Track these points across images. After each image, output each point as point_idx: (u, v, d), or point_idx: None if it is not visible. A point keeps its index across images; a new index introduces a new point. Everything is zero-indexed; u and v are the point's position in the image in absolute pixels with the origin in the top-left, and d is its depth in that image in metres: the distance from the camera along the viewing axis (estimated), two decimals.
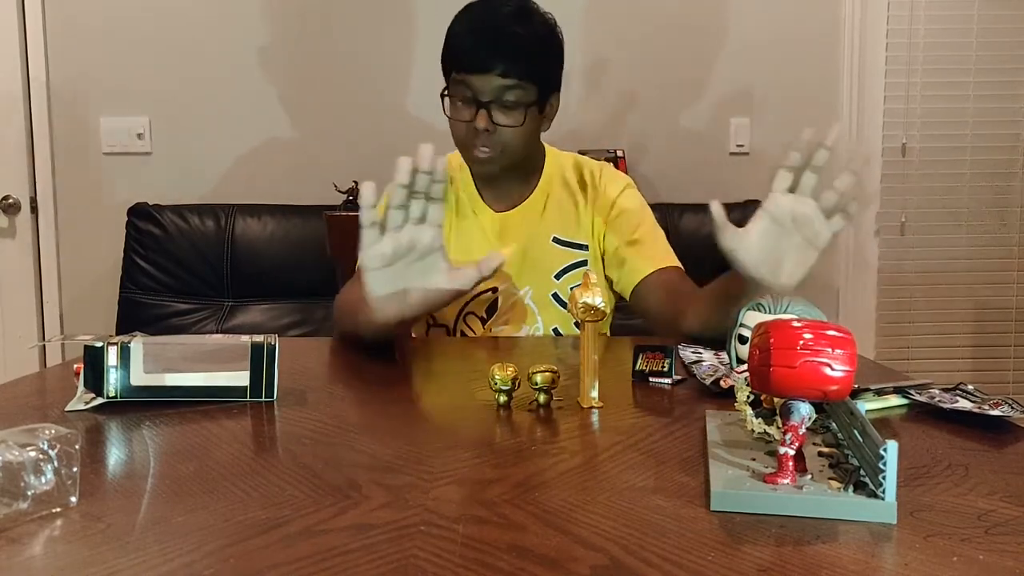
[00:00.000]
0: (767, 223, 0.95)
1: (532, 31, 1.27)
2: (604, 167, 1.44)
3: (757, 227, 0.95)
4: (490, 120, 1.25)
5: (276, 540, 0.51)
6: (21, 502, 0.54)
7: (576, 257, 1.38)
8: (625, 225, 1.37)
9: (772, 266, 0.96)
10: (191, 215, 2.58)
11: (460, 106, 1.28)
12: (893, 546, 0.50)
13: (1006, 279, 2.90)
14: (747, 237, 0.96)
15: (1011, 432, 0.74)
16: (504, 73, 1.23)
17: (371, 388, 0.92)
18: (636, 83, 2.77)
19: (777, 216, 0.94)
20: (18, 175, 2.70)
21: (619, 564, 0.48)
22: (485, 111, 1.24)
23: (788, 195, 0.94)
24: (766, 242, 0.95)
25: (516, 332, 1.36)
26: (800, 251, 0.95)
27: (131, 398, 0.82)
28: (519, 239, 1.37)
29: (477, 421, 0.78)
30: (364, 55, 2.74)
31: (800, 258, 0.95)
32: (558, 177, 1.41)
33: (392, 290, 0.98)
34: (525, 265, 1.36)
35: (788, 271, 0.96)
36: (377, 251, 0.95)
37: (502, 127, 1.26)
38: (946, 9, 2.78)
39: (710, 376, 0.89)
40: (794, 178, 0.94)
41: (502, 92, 1.24)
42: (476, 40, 1.25)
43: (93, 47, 2.69)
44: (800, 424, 0.56)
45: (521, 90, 1.25)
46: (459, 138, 1.31)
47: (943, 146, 2.83)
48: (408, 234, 0.96)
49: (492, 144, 1.27)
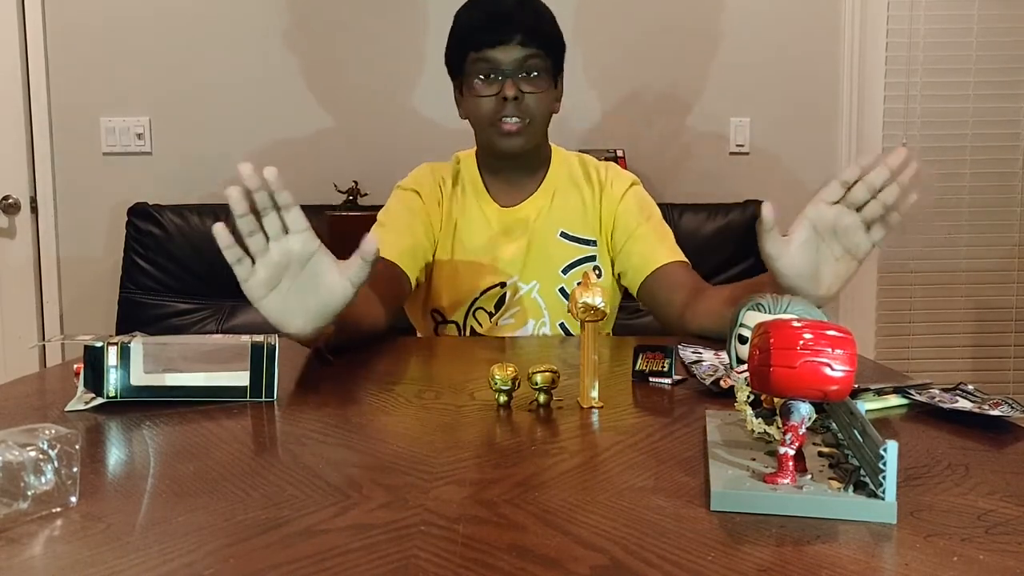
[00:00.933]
0: (809, 232, 0.94)
1: (538, 10, 1.33)
2: (610, 165, 1.45)
3: (799, 236, 0.94)
4: (517, 89, 1.28)
5: (276, 540, 0.51)
6: (21, 502, 0.54)
7: (584, 252, 1.38)
8: (633, 221, 1.38)
9: (812, 276, 0.95)
10: (191, 215, 2.58)
11: (480, 84, 1.30)
12: (893, 546, 0.50)
13: (1006, 279, 2.90)
14: (789, 245, 0.95)
15: (1011, 432, 0.74)
16: (524, 42, 1.27)
17: (371, 388, 0.92)
18: (636, 83, 2.77)
19: (819, 224, 0.94)
20: (18, 175, 2.70)
21: (619, 564, 0.48)
22: (511, 80, 1.28)
23: (833, 206, 0.94)
24: (808, 252, 0.94)
25: (523, 326, 1.36)
26: (840, 262, 0.95)
27: (131, 398, 0.82)
28: (525, 234, 1.38)
29: (477, 421, 0.78)
30: (364, 55, 2.74)
31: (839, 269, 0.95)
32: (564, 173, 1.42)
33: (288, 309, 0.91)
34: (532, 260, 1.37)
35: (827, 282, 0.96)
36: (255, 281, 0.89)
37: (528, 94, 1.29)
38: (946, 9, 2.79)
39: (710, 376, 0.89)
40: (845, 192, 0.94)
41: (524, 61, 1.28)
42: (494, 17, 1.28)
43: (93, 47, 2.69)
44: (800, 424, 0.56)
45: (540, 58, 1.29)
46: (484, 115, 1.31)
47: (943, 146, 2.83)
48: (276, 250, 0.89)
49: (521, 114, 1.29)
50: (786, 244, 0.94)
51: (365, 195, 2.62)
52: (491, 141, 1.34)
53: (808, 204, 0.95)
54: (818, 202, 0.94)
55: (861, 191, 0.92)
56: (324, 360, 1.04)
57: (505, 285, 1.37)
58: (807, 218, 0.94)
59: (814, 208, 0.94)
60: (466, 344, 1.28)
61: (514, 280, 1.37)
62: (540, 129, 1.34)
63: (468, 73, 1.31)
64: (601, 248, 1.39)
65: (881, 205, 0.92)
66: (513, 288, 1.37)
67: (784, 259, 0.95)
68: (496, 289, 1.37)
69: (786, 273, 0.95)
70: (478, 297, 1.36)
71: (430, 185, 1.40)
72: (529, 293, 1.37)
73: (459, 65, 1.33)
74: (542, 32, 1.30)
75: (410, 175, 1.44)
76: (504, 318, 1.37)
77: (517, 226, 1.38)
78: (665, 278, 1.33)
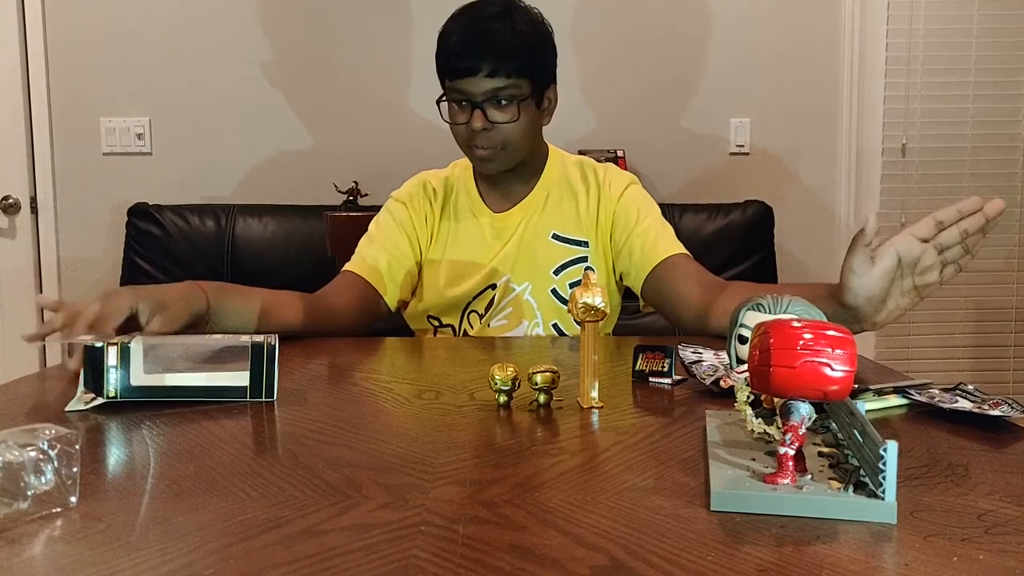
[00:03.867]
0: (893, 262, 0.93)
1: (514, 28, 1.27)
2: (608, 167, 1.45)
3: (884, 264, 0.93)
4: (485, 119, 1.27)
5: (276, 540, 0.51)
6: (21, 502, 0.54)
7: (575, 253, 1.38)
8: (632, 219, 1.37)
9: (879, 303, 0.95)
10: (191, 215, 2.58)
11: (456, 110, 1.31)
12: (893, 546, 0.50)
13: (1006, 279, 2.90)
14: (873, 268, 0.94)
15: (1011, 432, 0.74)
16: (492, 73, 1.26)
17: (371, 388, 0.92)
18: (636, 83, 2.77)
19: (905, 258, 0.93)
20: (18, 175, 2.70)
21: (619, 564, 0.48)
22: (480, 111, 1.27)
23: (922, 243, 0.93)
24: (884, 280, 0.94)
25: (516, 327, 1.37)
26: (906, 297, 0.95)
27: (131, 398, 0.82)
28: (515, 237, 1.39)
29: (477, 421, 0.78)
30: (364, 55, 2.74)
31: (903, 302, 0.95)
32: (560, 176, 1.42)
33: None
34: (523, 261, 1.38)
35: (888, 312, 0.96)
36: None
37: (499, 124, 1.28)
38: (946, 9, 2.79)
39: (710, 376, 0.89)
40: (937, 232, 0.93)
41: (493, 92, 1.27)
42: (461, 45, 1.27)
43: (93, 47, 2.69)
44: (800, 424, 0.56)
45: (511, 88, 1.27)
46: (460, 141, 1.34)
47: (943, 146, 2.83)
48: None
49: (491, 142, 1.30)
50: (871, 265, 0.94)
51: (365, 195, 2.62)
52: (471, 162, 1.39)
53: (899, 235, 0.94)
54: (909, 236, 0.93)
55: (953, 235, 0.92)
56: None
57: (495, 287, 1.37)
58: (896, 248, 0.93)
59: (904, 242, 0.93)
60: (465, 344, 1.28)
61: (504, 280, 1.37)
62: (519, 150, 1.33)
63: (446, 98, 1.33)
64: (596, 249, 1.39)
65: (963, 250, 0.93)
66: (504, 289, 1.37)
67: (864, 279, 0.93)
68: (488, 291, 1.38)
69: (859, 292, 0.94)
70: (471, 301, 1.38)
71: (420, 198, 1.43)
72: (522, 294, 1.37)
73: (441, 82, 1.34)
74: (514, 59, 1.26)
75: (404, 187, 1.46)
76: (497, 319, 1.37)
77: (507, 229, 1.39)
78: (670, 271, 1.31)
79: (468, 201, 1.42)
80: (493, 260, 1.38)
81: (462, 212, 1.41)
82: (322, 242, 1.74)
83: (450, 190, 1.44)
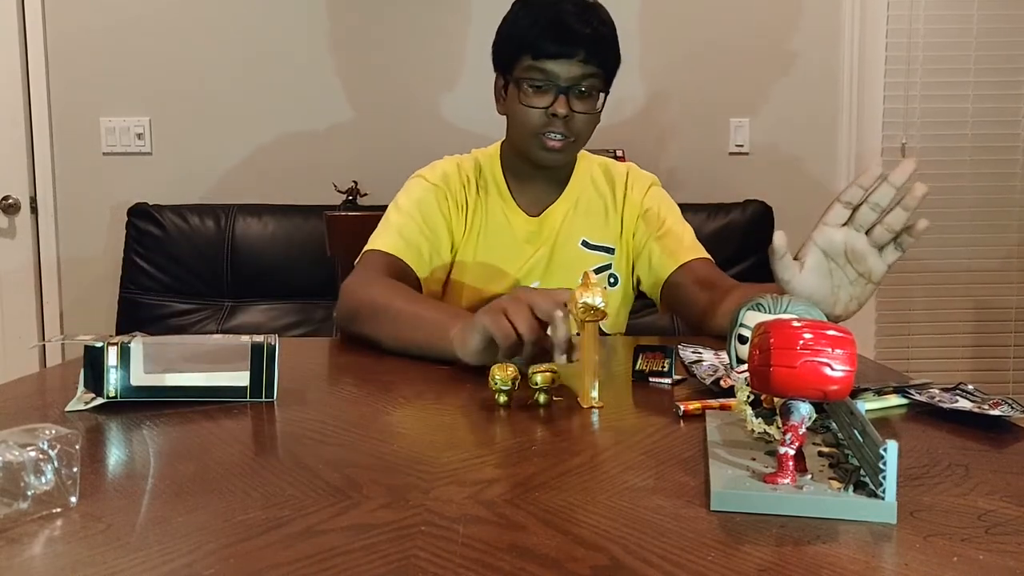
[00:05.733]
0: (819, 257, 0.92)
1: (603, 20, 1.27)
2: (631, 168, 1.43)
3: (809, 261, 0.92)
4: (568, 106, 1.24)
5: (276, 540, 0.51)
6: (21, 502, 0.54)
7: (602, 260, 1.37)
8: (652, 222, 1.36)
9: (826, 299, 0.93)
10: (191, 215, 2.58)
11: (532, 93, 1.25)
12: (893, 546, 0.50)
13: (1006, 279, 2.90)
14: (800, 271, 0.92)
15: (1011, 432, 0.74)
16: (585, 60, 1.23)
17: (371, 388, 0.92)
18: (636, 83, 2.77)
19: (829, 250, 0.91)
20: (18, 175, 2.70)
21: (619, 564, 0.48)
22: (564, 97, 1.23)
23: (840, 229, 0.91)
24: (819, 277, 0.92)
25: None
26: (855, 285, 0.93)
27: (131, 398, 0.82)
28: (548, 242, 1.36)
29: (477, 421, 0.78)
30: (363, 55, 2.74)
31: (855, 291, 0.93)
32: (588, 179, 1.40)
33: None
34: (554, 268, 1.35)
35: (844, 304, 0.94)
36: None
37: (578, 114, 1.25)
38: (946, 9, 2.79)
39: (710, 376, 0.89)
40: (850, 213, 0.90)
41: (580, 79, 1.23)
42: (558, 27, 1.23)
43: (93, 47, 2.69)
44: (800, 424, 0.56)
45: (596, 78, 1.25)
46: (531, 126, 1.26)
47: (943, 146, 2.83)
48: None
49: (568, 132, 1.26)
50: (797, 269, 0.92)
51: (365, 195, 2.62)
52: (530, 150, 1.29)
53: (814, 228, 0.92)
54: (822, 227, 0.91)
55: (867, 213, 0.89)
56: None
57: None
58: (815, 243, 0.92)
59: (820, 233, 0.91)
60: None
61: (534, 286, 1.34)
62: (582, 146, 1.32)
63: (519, 77, 1.26)
64: (621, 256, 1.38)
65: (888, 230, 0.89)
66: None
67: (795, 284, 0.92)
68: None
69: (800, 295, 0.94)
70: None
71: (456, 184, 1.35)
72: None
73: (510, 64, 1.28)
74: (604, 49, 1.25)
75: (436, 168, 1.38)
76: None
77: (540, 234, 1.36)
78: (685, 276, 1.30)
79: (500, 197, 1.37)
80: (525, 265, 1.34)
81: (493, 209, 1.36)
82: (322, 242, 1.73)
83: (482, 178, 1.37)
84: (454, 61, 2.74)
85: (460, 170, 1.37)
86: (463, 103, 2.73)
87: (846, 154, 2.82)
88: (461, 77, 2.75)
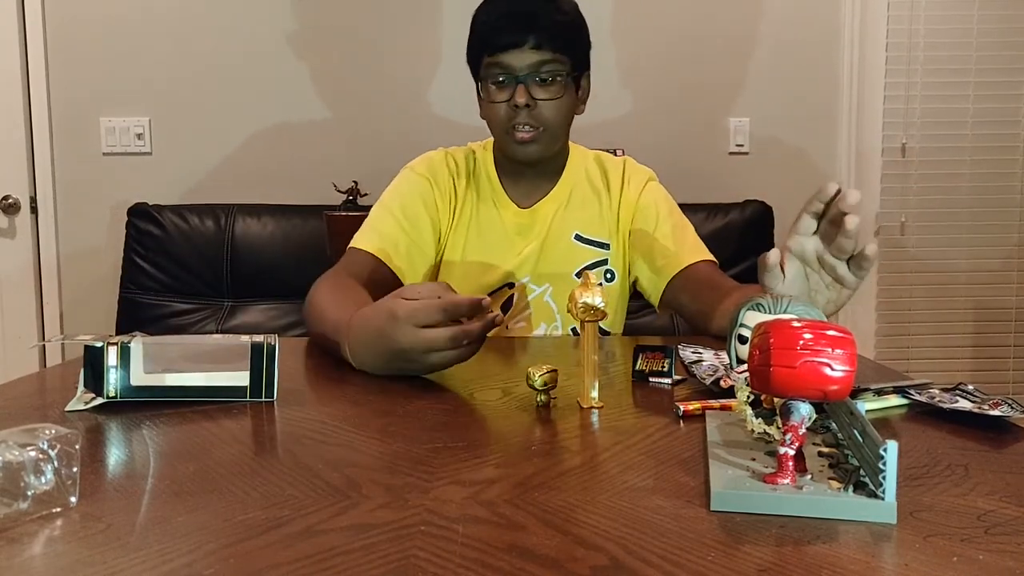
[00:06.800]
0: (798, 266, 0.93)
1: (559, 7, 1.27)
2: (627, 162, 1.42)
3: (790, 271, 0.93)
4: (529, 95, 1.24)
5: (276, 540, 0.51)
6: (21, 502, 0.54)
7: (597, 255, 1.36)
8: (650, 220, 1.36)
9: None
10: (191, 215, 2.58)
11: (494, 89, 1.26)
12: (893, 546, 0.50)
13: (1006, 279, 2.90)
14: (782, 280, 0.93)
15: (1011, 432, 0.74)
16: (537, 46, 1.22)
17: (371, 388, 0.92)
18: (636, 83, 2.77)
19: (803, 257, 0.92)
20: (18, 175, 2.70)
21: (619, 564, 0.48)
22: (523, 86, 1.23)
23: (811, 237, 0.91)
24: (799, 281, 0.93)
25: (535, 330, 1.34)
26: (831, 290, 0.93)
27: (131, 398, 0.82)
28: (539, 235, 1.35)
29: (477, 421, 0.78)
30: (363, 55, 2.74)
31: (832, 295, 0.93)
32: (581, 173, 1.39)
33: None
34: (545, 262, 1.34)
35: (821, 307, 0.93)
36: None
37: (541, 101, 1.25)
38: (946, 9, 2.79)
39: (710, 376, 0.89)
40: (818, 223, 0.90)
41: (538, 66, 1.23)
42: (506, 19, 1.24)
43: (93, 47, 2.69)
44: (800, 424, 0.56)
45: (556, 63, 1.24)
46: (499, 122, 1.27)
47: (943, 146, 2.83)
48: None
49: (534, 122, 1.25)
50: (781, 278, 0.93)
51: (365, 195, 2.62)
52: (506, 147, 1.30)
53: (788, 238, 0.92)
54: (793, 235, 0.92)
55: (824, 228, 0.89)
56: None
57: (513, 286, 1.34)
58: (791, 252, 0.92)
59: (792, 243, 0.92)
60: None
61: (523, 282, 1.34)
62: (557, 135, 1.30)
63: (483, 76, 1.28)
64: (617, 251, 1.37)
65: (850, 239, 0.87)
66: (523, 289, 1.34)
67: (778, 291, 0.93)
68: (504, 290, 1.34)
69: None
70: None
71: (444, 176, 1.36)
72: (541, 296, 1.34)
73: (476, 65, 1.29)
74: (559, 34, 1.24)
75: (423, 160, 1.39)
76: (515, 321, 1.34)
77: (532, 227, 1.35)
78: (687, 280, 1.29)
79: (491, 189, 1.36)
80: (515, 258, 1.34)
81: (484, 199, 1.36)
82: (322, 242, 1.73)
83: (473, 169, 1.38)
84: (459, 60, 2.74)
85: (449, 160, 1.38)
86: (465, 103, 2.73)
87: (846, 154, 2.82)
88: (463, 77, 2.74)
